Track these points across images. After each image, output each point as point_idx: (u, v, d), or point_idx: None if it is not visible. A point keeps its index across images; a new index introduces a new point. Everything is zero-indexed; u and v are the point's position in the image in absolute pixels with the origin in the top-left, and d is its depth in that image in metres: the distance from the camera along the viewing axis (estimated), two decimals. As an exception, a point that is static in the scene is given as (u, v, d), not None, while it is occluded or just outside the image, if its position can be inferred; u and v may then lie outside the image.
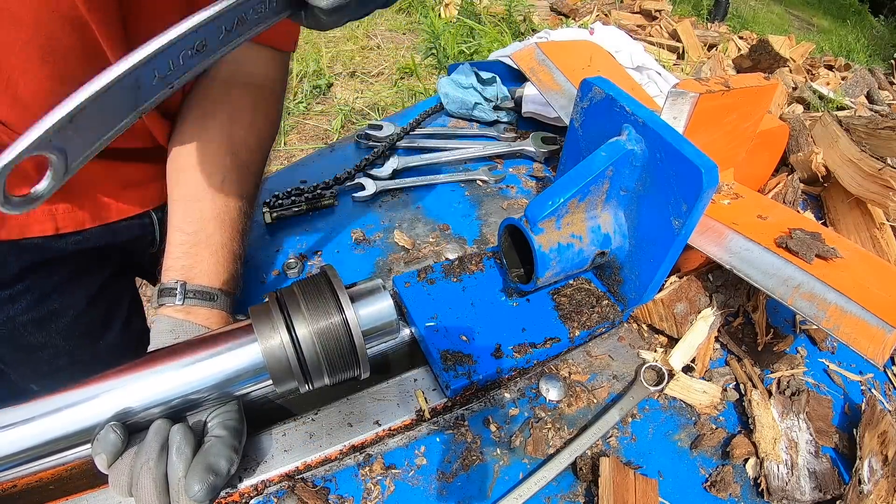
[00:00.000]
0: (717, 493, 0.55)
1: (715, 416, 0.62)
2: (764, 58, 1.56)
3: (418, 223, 0.81)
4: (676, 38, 1.93)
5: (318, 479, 0.53)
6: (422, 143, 0.96)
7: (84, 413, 0.44)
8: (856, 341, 0.53)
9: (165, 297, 0.58)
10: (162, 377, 0.46)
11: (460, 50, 2.94)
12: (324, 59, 3.21)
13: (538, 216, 0.58)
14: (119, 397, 0.45)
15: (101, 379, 0.45)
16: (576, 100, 0.64)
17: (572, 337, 0.63)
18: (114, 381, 0.45)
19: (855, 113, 1.37)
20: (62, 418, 0.44)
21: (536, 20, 2.69)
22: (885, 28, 6.19)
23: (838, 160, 0.89)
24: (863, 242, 0.84)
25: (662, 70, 1.19)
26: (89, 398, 0.44)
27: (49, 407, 0.44)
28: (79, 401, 0.44)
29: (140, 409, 0.45)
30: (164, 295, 0.58)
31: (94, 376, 0.46)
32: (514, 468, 0.55)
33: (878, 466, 0.55)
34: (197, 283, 0.59)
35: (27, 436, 0.43)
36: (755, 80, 0.70)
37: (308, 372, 0.48)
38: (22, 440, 0.43)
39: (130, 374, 0.46)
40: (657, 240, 0.59)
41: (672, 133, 0.54)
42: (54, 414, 0.44)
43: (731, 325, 0.71)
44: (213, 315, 0.59)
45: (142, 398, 0.45)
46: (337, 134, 2.71)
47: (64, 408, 0.44)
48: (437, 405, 0.57)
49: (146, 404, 0.45)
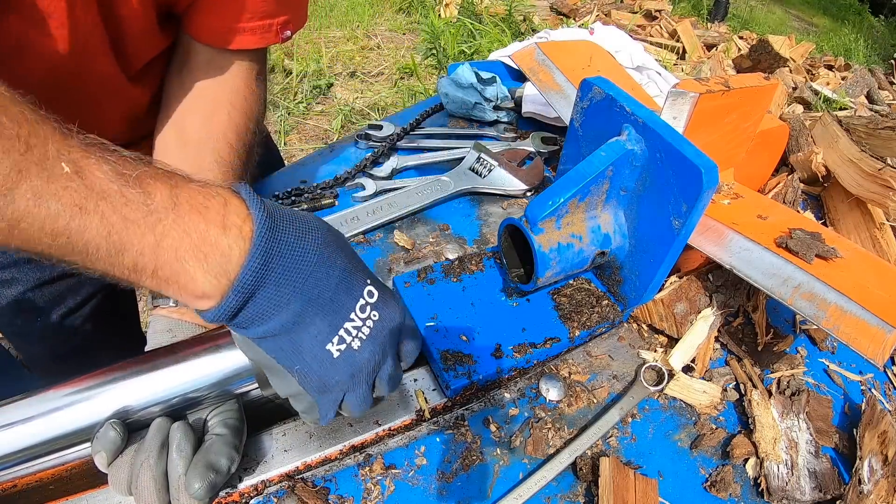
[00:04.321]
0: (717, 493, 0.55)
1: (715, 416, 0.62)
2: (764, 58, 1.56)
3: (418, 223, 0.81)
4: (676, 38, 1.93)
5: (318, 479, 0.53)
6: (422, 143, 0.96)
7: (83, 412, 0.44)
8: (856, 341, 0.53)
9: (160, 299, 0.58)
10: (161, 375, 0.46)
11: (460, 50, 2.94)
12: (324, 60, 3.21)
13: (538, 216, 0.58)
14: (118, 395, 0.45)
15: (99, 376, 0.45)
16: (576, 100, 0.64)
17: (572, 337, 0.63)
18: (112, 379, 0.45)
19: (855, 113, 1.37)
20: (60, 417, 0.44)
21: (537, 20, 2.69)
22: (885, 28, 6.18)
23: (838, 160, 0.89)
24: (863, 242, 0.84)
25: (662, 70, 1.19)
26: (88, 397, 0.44)
27: (47, 406, 0.44)
28: (77, 400, 0.44)
29: (139, 408, 0.45)
30: (160, 296, 0.58)
31: (92, 373, 0.46)
32: (514, 468, 0.55)
33: (878, 466, 0.55)
34: None
35: (25, 435, 0.43)
36: (755, 80, 0.70)
37: None
38: (20, 440, 0.43)
39: (129, 372, 0.46)
40: (657, 240, 0.59)
41: (672, 133, 0.54)
42: (52, 413, 0.44)
43: (731, 325, 0.71)
44: None
45: (141, 397, 0.45)
46: (337, 134, 2.71)
47: (62, 407, 0.44)
48: (437, 405, 0.57)
49: (145, 403, 0.45)
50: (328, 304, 0.40)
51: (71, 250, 0.34)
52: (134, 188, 0.34)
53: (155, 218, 0.34)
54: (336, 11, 3.92)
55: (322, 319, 0.40)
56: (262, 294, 0.37)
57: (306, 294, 0.39)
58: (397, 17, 3.99)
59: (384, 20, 3.90)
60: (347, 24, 3.76)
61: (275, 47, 3.29)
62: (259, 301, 0.37)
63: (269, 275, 0.37)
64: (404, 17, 4.00)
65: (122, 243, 0.34)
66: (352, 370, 0.42)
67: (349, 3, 4.02)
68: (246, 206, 0.38)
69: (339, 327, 0.40)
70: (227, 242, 0.36)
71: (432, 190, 0.84)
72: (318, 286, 0.39)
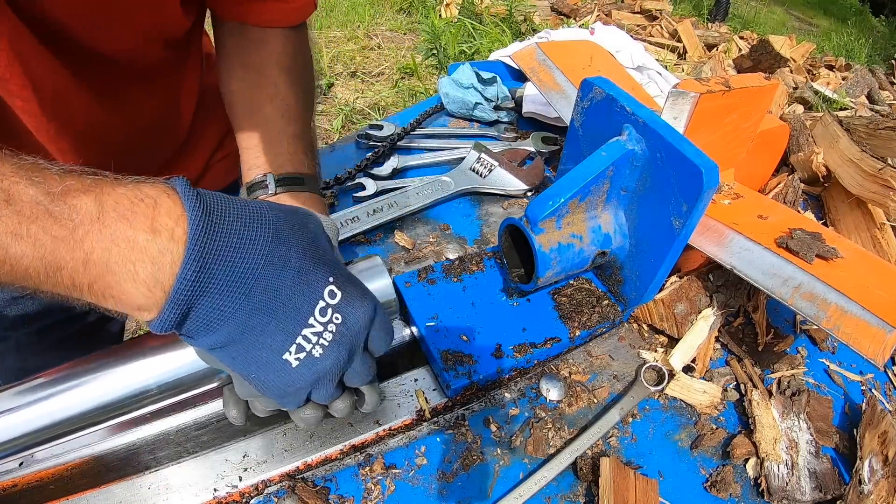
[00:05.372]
0: (718, 494, 0.55)
1: (715, 416, 0.62)
2: (764, 58, 1.56)
3: (419, 223, 0.81)
4: (677, 39, 1.93)
5: (318, 478, 0.53)
6: (422, 142, 0.96)
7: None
8: (856, 341, 0.53)
9: (257, 191, 0.60)
10: (132, 367, 0.46)
11: (461, 50, 2.94)
12: (325, 59, 3.22)
13: (538, 216, 0.58)
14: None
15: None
16: (576, 100, 0.64)
17: (573, 337, 0.63)
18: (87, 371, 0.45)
19: (855, 113, 1.37)
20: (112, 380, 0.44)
21: (537, 20, 2.68)
22: (886, 28, 6.18)
23: (839, 160, 0.89)
24: (863, 242, 0.84)
25: (663, 70, 1.19)
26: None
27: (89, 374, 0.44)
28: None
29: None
30: (255, 189, 0.60)
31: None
32: (514, 468, 0.55)
33: (879, 467, 0.55)
34: (283, 172, 0.61)
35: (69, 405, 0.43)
36: (756, 80, 0.70)
37: None
38: (66, 408, 0.43)
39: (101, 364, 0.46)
40: (658, 240, 0.59)
41: (672, 133, 0.54)
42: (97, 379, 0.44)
43: (732, 325, 0.71)
44: (307, 198, 0.61)
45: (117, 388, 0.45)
46: (337, 134, 2.71)
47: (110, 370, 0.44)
48: (437, 405, 0.57)
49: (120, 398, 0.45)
50: (280, 310, 0.36)
51: (17, 276, 0.33)
52: (60, 205, 0.32)
53: (82, 231, 0.32)
54: (337, 11, 3.92)
55: (275, 327, 0.36)
56: (203, 304, 0.34)
57: (253, 301, 0.35)
58: (398, 17, 4.00)
59: (385, 20, 3.91)
60: (348, 24, 3.76)
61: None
62: (200, 312, 0.34)
63: (208, 282, 0.34)
64: (405, 17, 4.00)
65: (56, 263, 0.32)
66: (314, 378, 0.39)
67: (350, 4, 4.02)
68: (181, 204, 0.34)
69: (295, 334, 0.37)
70: (156, 248, 0.33)
71: (433, 190, 0.84)
72: (268, 291, 0.36)
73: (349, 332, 0.39)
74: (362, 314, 0.40)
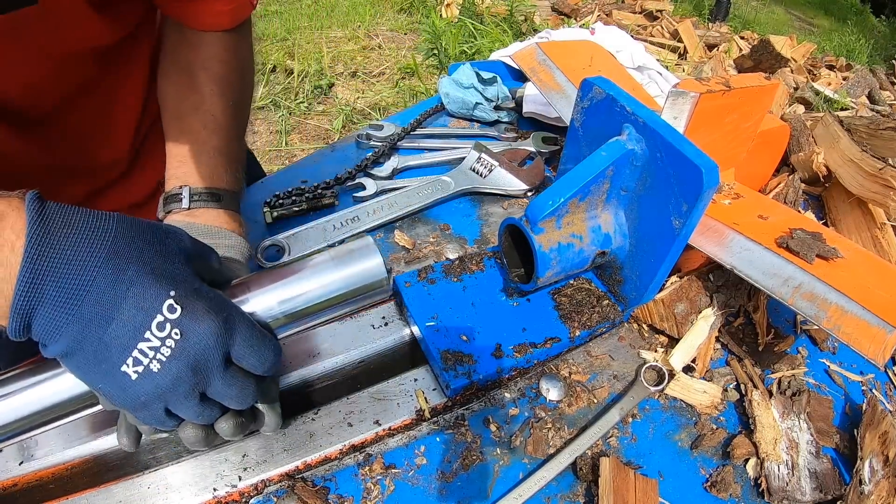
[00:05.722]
0: (718, 494, 0.55)
1: (715, 416, 0.62)
2: (765, 58, 1.56)
3: (419, 223, 0.81)
4: (678, 39, 1.93)
5: (318, 478, 0.53)
6: (422, 143, 0.96)
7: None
8: (857, 341, 0.53)
9: (171, 204, 0.58)
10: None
11: (461, 50, 2.94)
12: (325, 60, 3.22)
13: (538, 216, 0.58)
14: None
15: None
16: (576, 99, 0.64)
17: (573, 337, 0.63)
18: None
19: (856, 113, 1.37)
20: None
21: (538, 20, 2.68)
22: (887, 28, 6.17)
23: (839, 160, 0.89)
24: (864, 242, 0.84)
25: (663, 70, 1.18)
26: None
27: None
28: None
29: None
30: (170, 202, 0.58)
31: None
32: (514, 468, 0.55)
33: (879, 467, 0.55)
34: (201, 186, 0.59)
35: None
36: (756, 80, 0.70)
37: None
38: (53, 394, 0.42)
39: None
40: (658, 240, 0.59)
41: (673, 133, 0.54)
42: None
43: (732, 325, 0.71)
44: (221, 215, 0.59)
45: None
46: (338, 134, 2.71)
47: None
48: (437, 405, 0.57)
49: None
50: (114, 322, 0.37)
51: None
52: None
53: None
54: (337, 12, 3.93)
55: (111, 340, 0.37)
56: (41, 314, 0.35)
57: (84, 314, 0.36)
58: (398, 17, 4.00)
59: (385, 20, 3.91)
60: (349, 24, 3.76)
61: (277, 48, 3.30)
62: (39, 322, 0.36)
63: (43, 295, 0.35)
64: (405, 17, 4.00)
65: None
66: (156, 392, 0.39)
67: (350, 4, 4.02)
68: (25, 217, 0.35)
69: (131, 347, 0.37)
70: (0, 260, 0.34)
71: (433, 190, 0.84)
72: (100, 304, 0.36)
73: (191, 347, 0.39)
74: (205, 329, 0.39)
